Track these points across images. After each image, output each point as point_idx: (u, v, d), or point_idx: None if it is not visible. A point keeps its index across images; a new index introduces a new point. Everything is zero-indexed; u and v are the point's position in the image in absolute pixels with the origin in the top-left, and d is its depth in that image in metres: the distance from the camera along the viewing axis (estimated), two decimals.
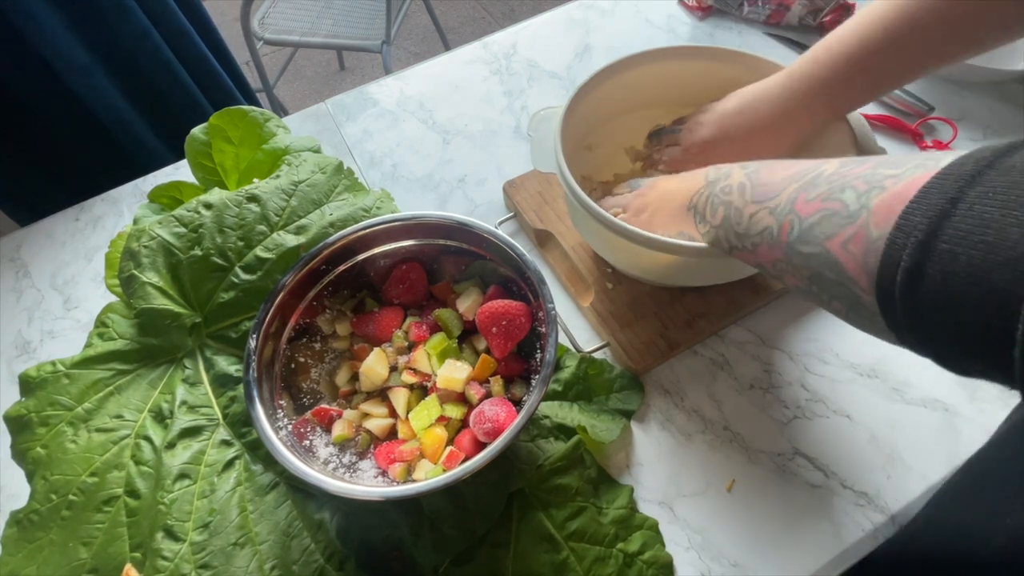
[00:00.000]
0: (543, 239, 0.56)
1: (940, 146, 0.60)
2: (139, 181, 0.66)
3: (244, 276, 0.46)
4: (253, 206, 0.47)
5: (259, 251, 0.46)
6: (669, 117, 0.53)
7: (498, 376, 0.42)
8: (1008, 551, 0.30)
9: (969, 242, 0.20)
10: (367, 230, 0.44)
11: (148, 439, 0.43)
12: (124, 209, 0.64)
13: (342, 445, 0.41)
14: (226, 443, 0.43)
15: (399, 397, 0.41)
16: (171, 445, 0.42)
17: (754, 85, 0.46)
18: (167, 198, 0.55)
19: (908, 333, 0.23)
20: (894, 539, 0.40)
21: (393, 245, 0.45)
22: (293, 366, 0.43)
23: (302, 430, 0.40)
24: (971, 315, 0.20)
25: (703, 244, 0.38)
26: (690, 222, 0.39)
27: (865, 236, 0.24)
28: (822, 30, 0.71)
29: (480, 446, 0.38)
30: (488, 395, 0.41)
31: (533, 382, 0.39)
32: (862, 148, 0.43)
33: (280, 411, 0.40)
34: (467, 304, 0.43)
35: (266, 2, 1.43)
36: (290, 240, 0.46)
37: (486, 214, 0.59)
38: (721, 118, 0.47)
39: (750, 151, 0.46)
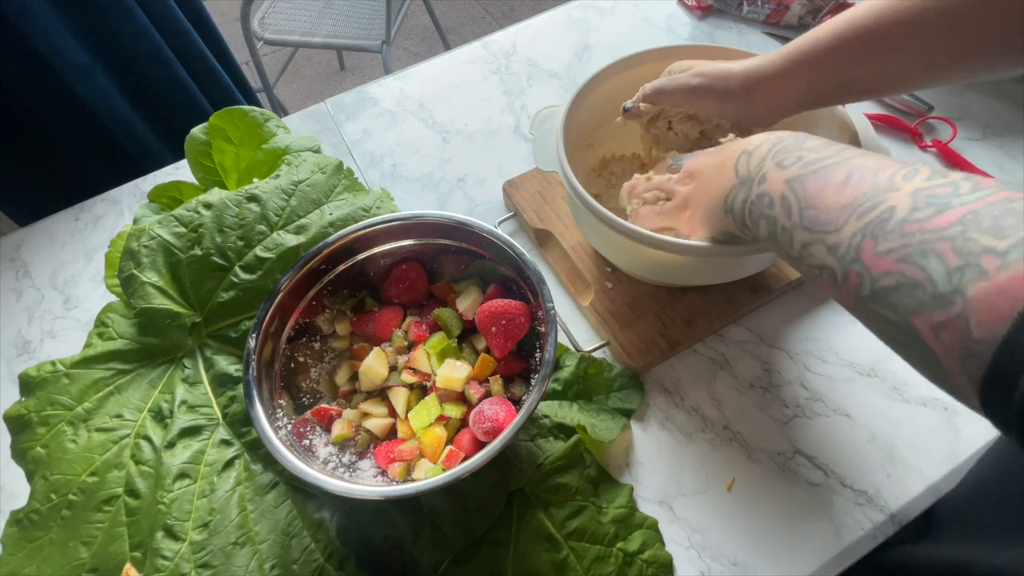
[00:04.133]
0: (543, 238, 0.56)
1: (940, 145, 0.60)
2: (139, 181, 0.66)
3: (244, 276, 0.46)
4: (253, 206, 0.47)
5: (259, 251, 0.46)
6: None
7: (498, 375, 0.42)
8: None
9: None
10: (367, 230, 0.44)
11: (148, 439, 0.43)
12: (124, 209, 0.64)
13: (342, 444, 0.41)
14: (226, 443, 0.43)
15: (399, 396, 0.41)
16: (171, 445, 0.43)
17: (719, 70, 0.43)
18: (167, 198, 0.55)
19: (1015, 435, 0.20)
20: (906, 543, 0.40)
21: (393, 244, 0.45)
22: (293, 366, 0.43)
23: (302, 429, 0.40)
24: None
25: (706, 244, 0.38)
26: (728, 222, 0.35)
27: (962, 332, 0.20)
28: None
29: (480, 445, 0.38)
30: (488, 394, 0.41)
31: (533, 381, 0.39)
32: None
33: (280, 411, 0.40)
34: (467, 303, 0.43)
35: (266, 2, 1.43)
36: (290, 240, 0.46)
37: (486, 213, 0.59)
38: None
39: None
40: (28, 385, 0.45)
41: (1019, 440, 0.20)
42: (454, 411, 0.40)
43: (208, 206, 0.47)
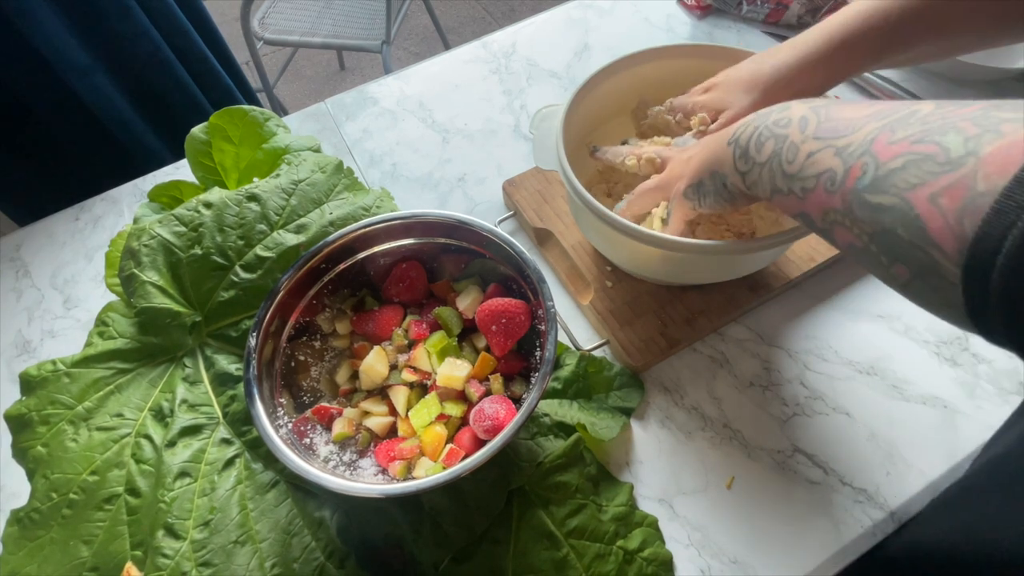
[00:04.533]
0: (543, 238, 0.56)
1: None
2: (139, 181, 0.66)
3: (244, 275, 0.46)
4: (253, 205, 0.47)
5: (259, 250, 0.46)
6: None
7: (498, 374, 0.42)
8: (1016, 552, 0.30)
9: None
10: (367, 229, 0.44)
11: (148, 437, 0.43)
12: (124, 209, 0.64)
13: (342, 443, 0.41)
14: (226, 441, 0.43)
15: (399, 395, 0.41)
16: (171, 443, 0.43)
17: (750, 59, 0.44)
18: (167, 197, 0.55)
19: (999, 315, 0.19)
20: (899, 537, 0.40)
21: (393, 243, 0.45)
22: (293, 364, 0.43)
23: (302, 428, 0.40)
24: None
25: (706, 241, 0.38)
26: (726, 161, 0.34)
27: (968, 189, 0.19)
28: None
29: (480, 444, 0.38)
30: (488, 393, 0.41)
31: (533, 380, 0.39)
32: None
33: (280, 409, 0.40)
34: (467, 302, 0.44)
35: (266, 2, 1.43)
36: (290, 239, 0.46)
37: (486, 213, 0.59)
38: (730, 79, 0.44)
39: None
40: (28, 384, 0.45)
41: (1003, 307, 0.19)
42: (454, 409, 0.40)
43: (208, 205, 0.47)
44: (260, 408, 0.37)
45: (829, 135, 0.27)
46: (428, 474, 0.37)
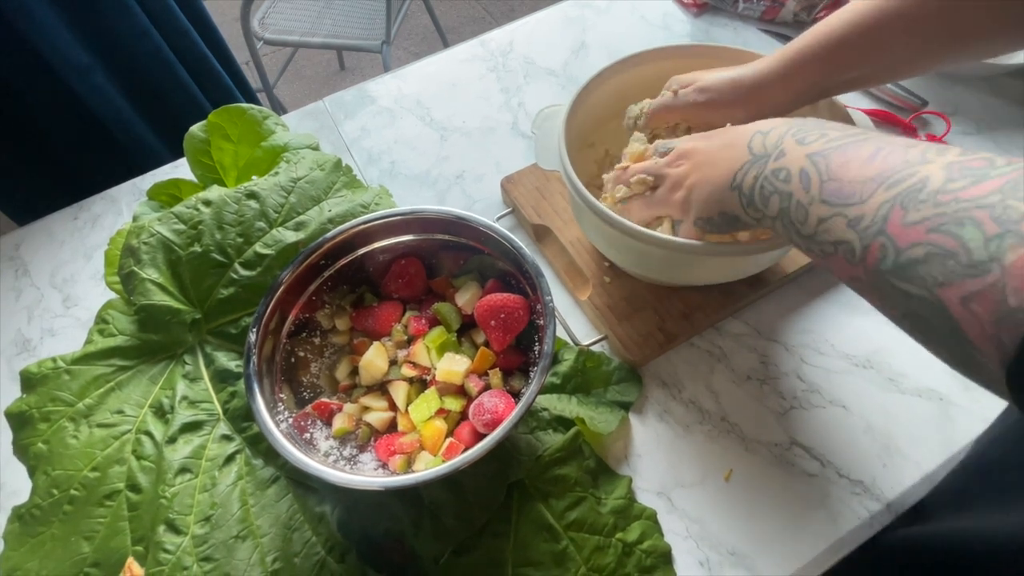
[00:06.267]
0: (541, 234, 0.56)
1: (934, 140, 0.60)
2: (138, 180, 0.67)
3: (244, 272, 0.46)
4: (252, 203, 0.48)
5: (258, 247, 0.46)
6: None
7: (497, 369, 0.42)
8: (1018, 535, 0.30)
9: None
10: (366, 225, 0.44)
11: (149, 434, 0.43)
12: (123, 207, 0.65)
13: (343, 438, 0.41)
14: (227, 438, 0.43)
15: (399, 390, 0.42)
16: (172, 440, 0.43)
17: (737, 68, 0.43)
18: (166, 196, 0.56)
19: None
20: (901, 524, 0.41)
21: (392, 240, 0.45)
22: (293, 360, 0.43)
23: (303, 423, 0.40)
24: None
25: (710, 243, 0.38)
26: (733, 204, 0.34)
27: (998, 300, 0.19)
28: None
29: (479, 438, 0.39)
30: (487, 387, 0.41)
31: (531, 374, 0.39)
32: None
33: (280, 404, 0.40)
34: (466, 298, 0.44)
35: (266, 2, 1.43)
36: (289, 236, 0.47)
37: (484, 210, 0.60)
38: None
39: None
40: (29, 381, 0.45)
41: None
42: (454, 404, 0.40)
43: (207, 203, 0.48)
44: (261, 403, 0.38)
45: (836, 200, 0.26)
46: (428, 468, 0.37)
